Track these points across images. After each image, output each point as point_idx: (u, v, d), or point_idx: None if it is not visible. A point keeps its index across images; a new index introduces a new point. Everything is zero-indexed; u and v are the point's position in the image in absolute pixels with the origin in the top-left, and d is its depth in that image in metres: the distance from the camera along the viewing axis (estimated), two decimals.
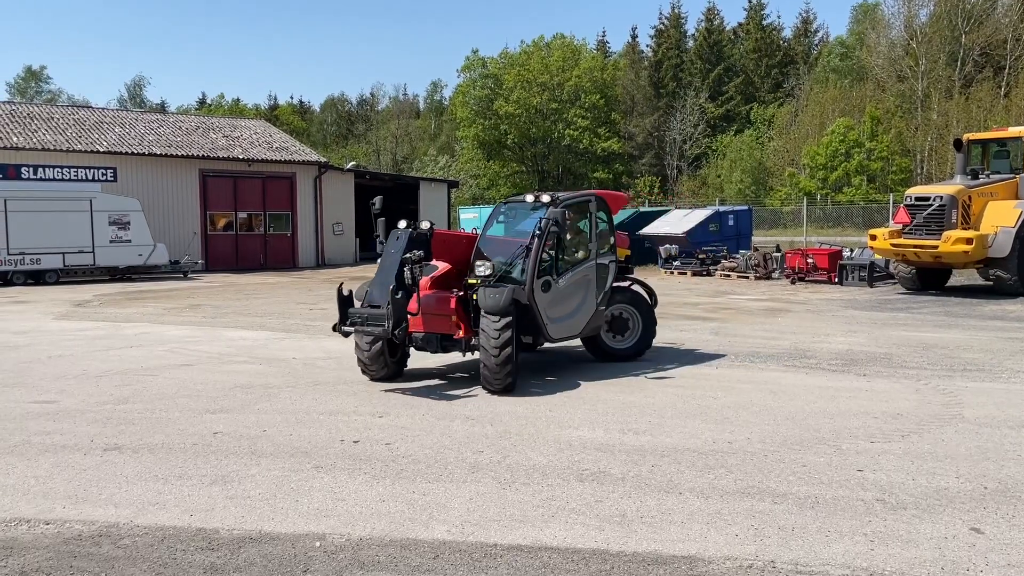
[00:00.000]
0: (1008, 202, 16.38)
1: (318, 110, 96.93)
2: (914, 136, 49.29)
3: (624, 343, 9.77)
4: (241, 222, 29.44)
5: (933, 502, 4.82)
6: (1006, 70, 47.99)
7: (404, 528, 4.52)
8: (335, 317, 8.15)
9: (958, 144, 18.05)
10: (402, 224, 8.66)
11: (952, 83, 49.02)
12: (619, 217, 26.71)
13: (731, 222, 25.60)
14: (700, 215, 25.65)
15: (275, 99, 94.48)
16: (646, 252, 24.67)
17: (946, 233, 15.96)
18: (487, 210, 36.17)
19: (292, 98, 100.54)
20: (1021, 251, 15.87)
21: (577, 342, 9.79)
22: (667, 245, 24.31)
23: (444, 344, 8.47)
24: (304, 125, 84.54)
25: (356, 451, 6.02)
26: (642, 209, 29.94)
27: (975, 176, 17.11)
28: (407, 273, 7.94)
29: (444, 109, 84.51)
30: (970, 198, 16.31)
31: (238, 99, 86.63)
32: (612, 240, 9.55)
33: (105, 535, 4.49)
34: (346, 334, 8.01)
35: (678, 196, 54.91)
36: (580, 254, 9.31)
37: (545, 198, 8.81)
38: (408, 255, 8.06)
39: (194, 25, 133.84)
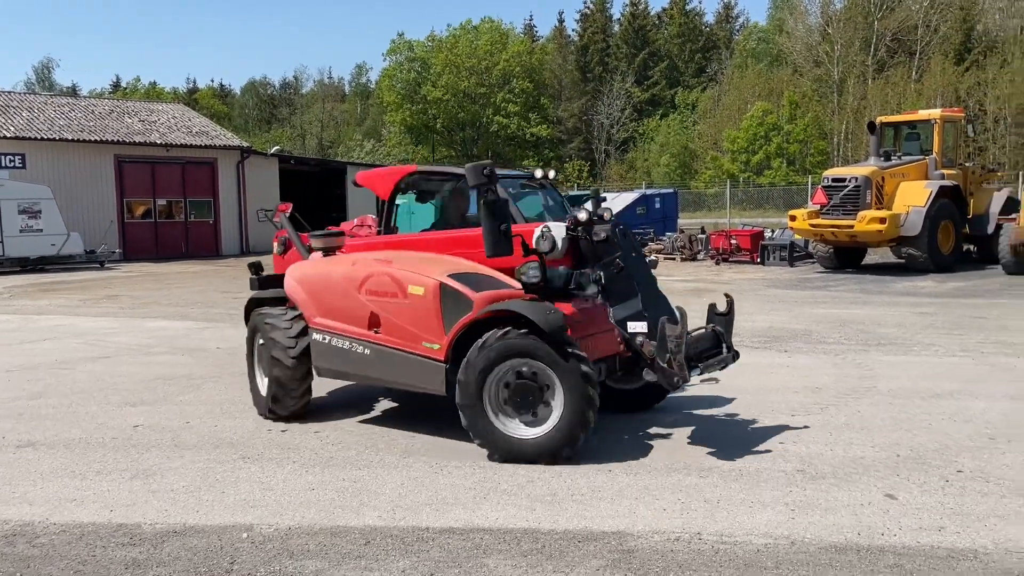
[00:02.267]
0: (919, 182, 17.06)
1: (239, 93, 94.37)
2: (831, 119, 50.87)
3: None
4: (160, 209, 28.53)
5: (850, 471, 5.01)
6: (917, 55, 49.86)
7: (334, 516, 4.47)
8: None
9: (872, 127, 18.70)
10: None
11: (866, 68, 50.70)
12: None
13: (657, 205, 26.02)
14: (627, 199, 25.99)
15: (194, 82, 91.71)
16: None
17: (861, 213, 16.54)
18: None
19: (212, 81, 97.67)
20: (931, 230, 16.56)
21: None
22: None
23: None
24: (225, 109, 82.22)
25: (284, 440, 5.92)
26: (571, 193, 30.15)
27: (888, 158, 17.76)
28: None
29: (370, 93, 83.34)
30: (883, 179, 16.92)
31: (155, 82, 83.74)
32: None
33: (20, 534, 4.31)
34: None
35: (606, 180, 55.50)
36: None
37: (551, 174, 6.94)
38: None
39: (106, 5, 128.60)
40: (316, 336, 6.18)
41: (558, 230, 5.50)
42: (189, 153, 28.88)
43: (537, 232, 5.47)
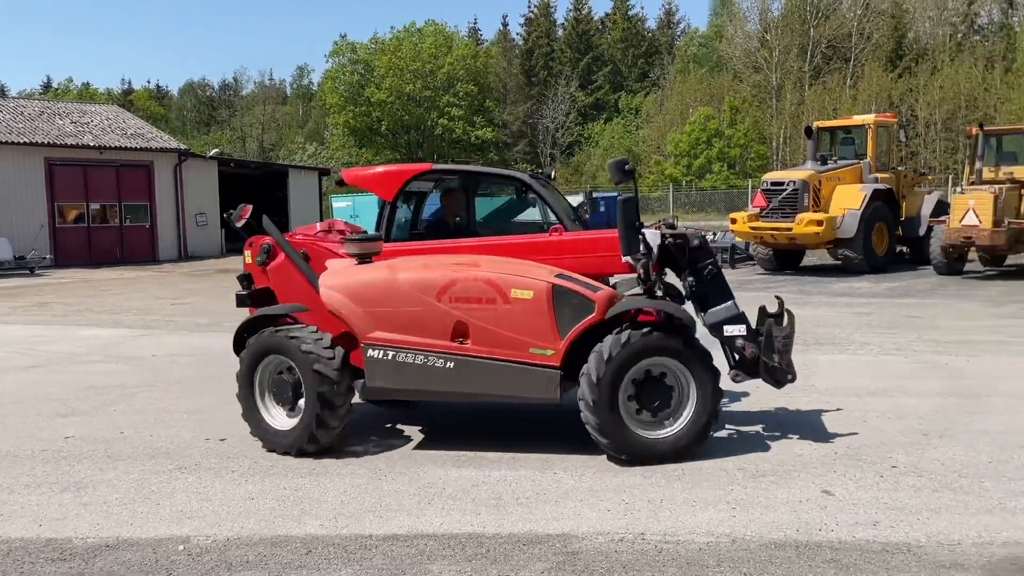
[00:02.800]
0: (854, 186, 17.54)
1: (177, 95, 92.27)
2: (769, 124, 51.97)
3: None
4: (94, 213, 27.69)
5: (789, 468, 5.10)
6: (851, 62, 51.27)
7: (274, 525, 4.37)
8: (198, 312, 7.77)
9: (808, 132, 19.16)
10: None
11: (803, 74, 51.94)
12: (496, 203, 26.86)
13: (602, 208, 26.21)
14: (573, 202, 26.11)
15: (129, 83, 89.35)
16: None
17: (799, 216, 16.93)
18: (361, 198, 35.58)
19: (148, 83, 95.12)
20: (866, 232, 17.03)
21: None
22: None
23: None
24: (162, 111, 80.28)
25: (223, 449, 5.78)
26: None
27: (824, 162, 18.21)
28: None
29: (312, 95, 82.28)
30: (820, 182, 17.35)
31: (88, 83, 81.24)
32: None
33: None
34: None
35: (552, 183, 55.74)
36: None
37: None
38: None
39: (34, 2, 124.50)
40: (372, 353, 5.42)
41: (653, 237, 5.54)
42: (124, 156, 28.10)
43: None
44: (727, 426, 6.08)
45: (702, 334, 5.47)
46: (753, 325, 5.73)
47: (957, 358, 8.47)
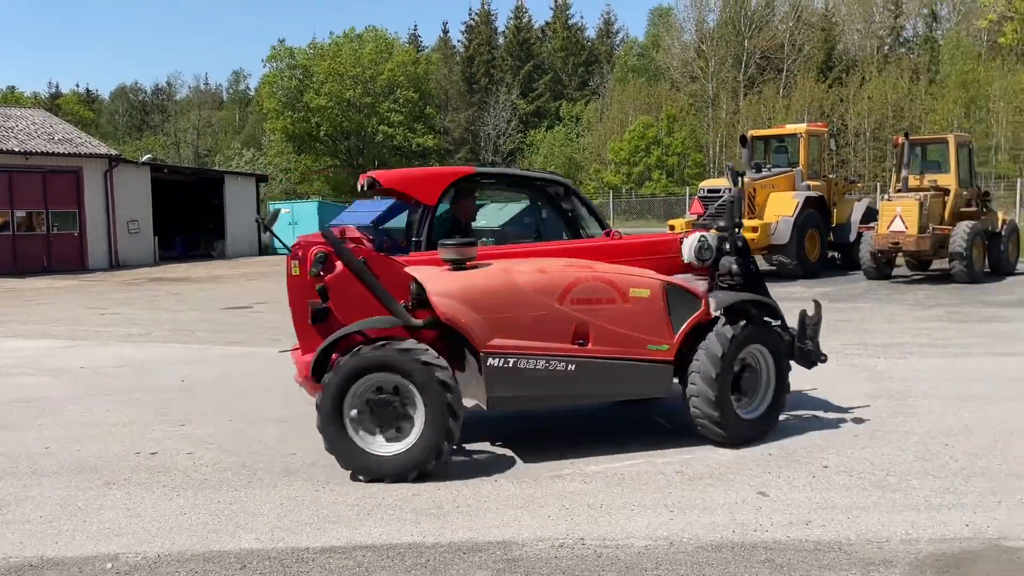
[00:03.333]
0: (787, 193, 17.97)
1: (108, 99, 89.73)
2: (706, 133, 53.01)
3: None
4: (20, 221, 26.68)
5: (725, 471, 5.19)
6: (784, 72, 52.65)
7: (208, 540, 4.26)
8: (129, 322, 7.55)
9: (743, 140, 19.56)
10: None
11: (738, 84, 53.15)
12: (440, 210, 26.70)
13: (544, 215, 26.33)
14: (515, 208, 26.17)
15: (57, 87, 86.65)
16: None
17: None
18: (300, 205, 35.11)
19: (77, 86, 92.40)
20: (799, 238, 17.48)
21: None
22: (485, 238, 24.65)
23: None
24: (92, 116, 77.97)
25: (154, 463, 5.61)
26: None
27: (759, 169, 18.62)
28: None
29: (250, 100, 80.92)
30: (755, 190, 17.74)
31: (13, 87, 78.36)
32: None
33: None
34: None
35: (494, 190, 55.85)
36: None
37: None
38: None
39: None
40: (492, 361, 5.18)
41: (713, 239, 6.09)
42: (51, 162, 27.17)
43: (698, 242, 6.02)
44: (665, 430, 6.15)
45: None
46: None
47: (885, 360, 8.74)
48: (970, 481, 4.92)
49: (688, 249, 6.03)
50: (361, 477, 5.10)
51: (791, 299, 14.32)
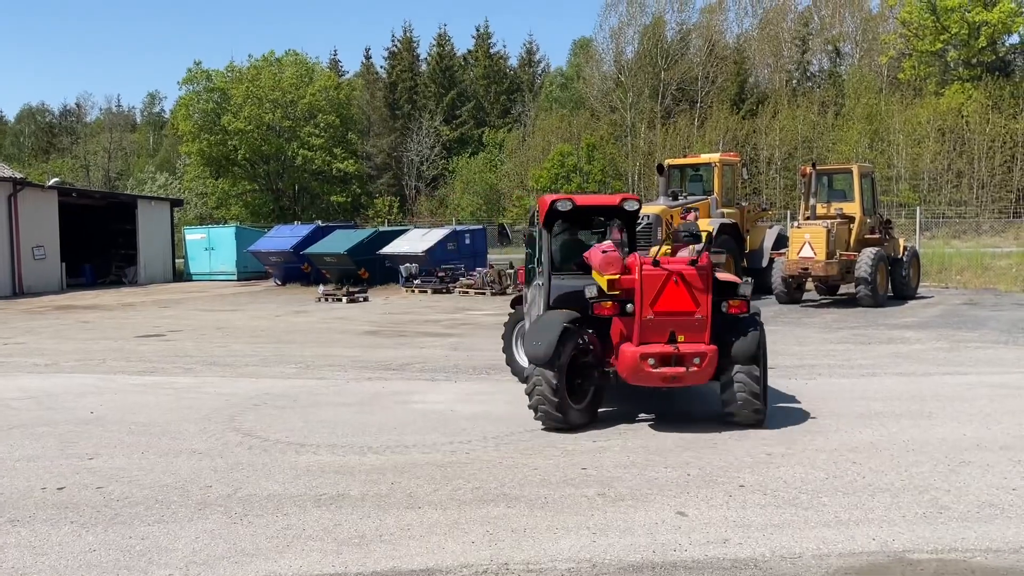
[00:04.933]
0: (702, 220, 18.47)
1: (12, 121, 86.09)
2: (625, 161, 54.19)
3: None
4: None
5: (646, 492, 5.29)
6: (699, 103, 54.37)
7: None
8: (34, 352, 7.24)
9: (660, 169, 20.09)
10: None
11: (655, 114, 54.59)
12: (361, 235, 26.51)
13: (468, 241, 26.41)
14: (438, 234, 26.17)
15: None
16: (388, 271, 24.75)
17: (652, 248, 17.66)
18: (217, 230, 34.26)
19: None
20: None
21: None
22: (407, 264, 24.56)
23: None
24: None
25: (61, 499, 5.38)
26: (381, 229, 29.99)
27: (675, 197, 19.12)
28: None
29: (164, 123, 78.83)
30: (672, 217, 18.19)
31: None
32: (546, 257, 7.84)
33: None
34: None
35: (417, 216, 55.67)
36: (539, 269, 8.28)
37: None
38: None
39: None
40: None
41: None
42: None
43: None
44: (587, 452, 6.23)
45: None
46: None
47: (796, 381, 9.06)
48: (876, 497, 5.14)
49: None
50: None
51: None
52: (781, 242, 19.18)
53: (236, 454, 6.42)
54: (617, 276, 6.81)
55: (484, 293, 22.64)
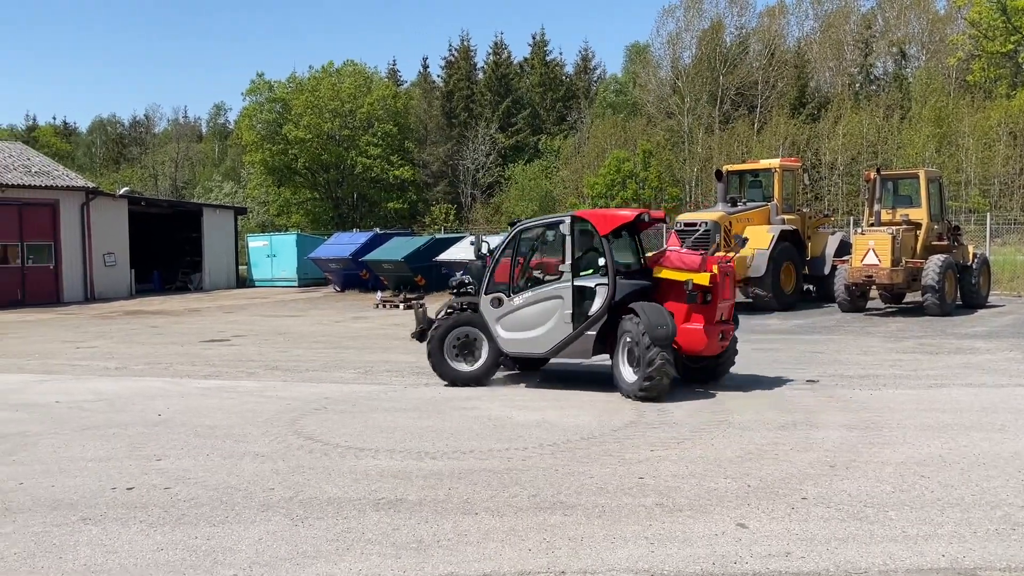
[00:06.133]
0: (762, 227, 18.22)
1: (85, 132, 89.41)
2: (682, 167, 53.67)
3: (632, 377, 8.51)
4: None
5: (705, 502, 5.22)
6: (758, 108, 53.59)
7: None
8: (106, 356, 7.51)
9: (719, 175, 19.86)
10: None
11: (713, 119, 53.98)
12: (418, 242, 26.78)
13: None
14: (495, 241, 26.29)
15: (34, 119, 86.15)
16: (444, 278, 24.95)
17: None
18: (279, 237, 35.00)
19: (54, 119, 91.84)
20: (774, 271, 17.69)
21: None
22: (463, 271, 24.72)
23: None
24: (69, 148, 77.58)
25: (130, 499, 5.55)
26: (438, 236, 30.25)
27: (734, 203, 18.88)
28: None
29: (229, 133, 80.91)
30: (731, 223, 17.96)
31: None
32: (603, 261, 8.88)
33: None
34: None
35: (473, 223, 56.02)
36: (542, 275, 9.45)
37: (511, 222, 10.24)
38: (453, 282, 10.50)
39: None
40: None
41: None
42: (27, 194, 26.97)
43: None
44: (645, 462, 6.17)
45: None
46: None
47: (860, 391, 8.84)
48: (945, 512, 4.99)
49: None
50: None
51: (767, 331, 14.47)
52: (844, 249, 18.74)
53: (297, 457, 6.54)
54: (711, 273, 8.66)
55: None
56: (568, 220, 9.23)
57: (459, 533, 4.75)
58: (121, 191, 34.60)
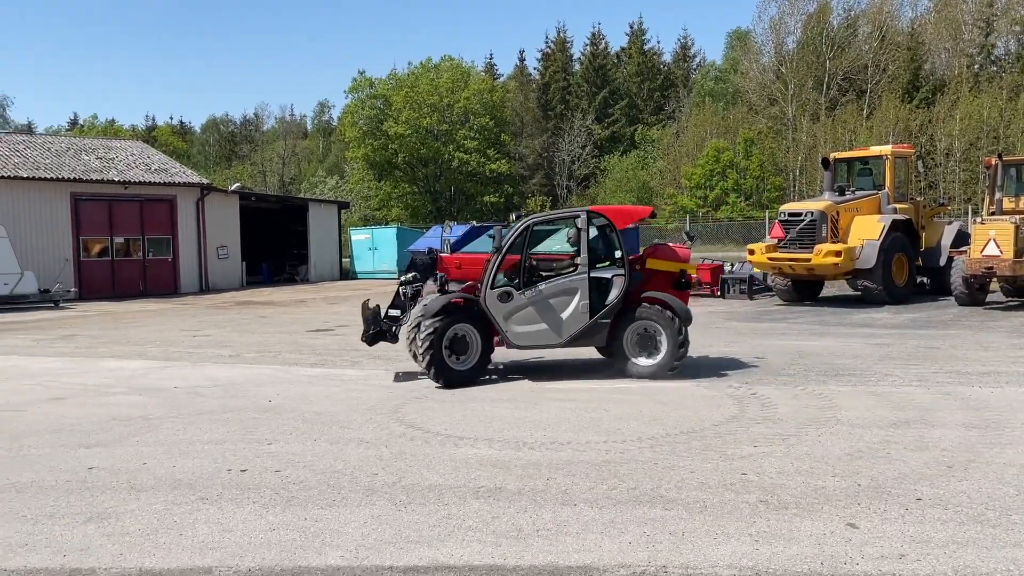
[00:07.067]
0: (872, 216, 17.48)
1: (199, 131, 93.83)
2: (786, 156, 51.99)
3: (649, 360, 9.35)
4: (118, 247, 28.06)
5: (812, 501, 5.05)
6: (867, 93, 51.35)
7: (296, 556, 4.38)
8: (220, 344, 7.87)
9: (825, 163, 19.15)
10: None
11: (819, 106, 52.05)
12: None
13: None
14: (590, 233, 26.18)
15: (153, 119, 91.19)
16: None
17: (818, 246, 16.88)
18: (379, 231, 35.89)
19: (171, 119, 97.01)
20: (885, 262, 16.93)
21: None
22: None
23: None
24: (184, 146, 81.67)
25: (244, 480, 5.81)
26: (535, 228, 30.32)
27: (842, 192, 18.18)
28: (400, 292, 10.09)
29: (332, 130, 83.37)
30: (838, 213, 17.31)
31: (113, 120, 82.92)
32: (619, 253, 9.58)
33: None
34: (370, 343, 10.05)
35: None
36: (557, 267, 9.77)
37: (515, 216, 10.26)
38: (403, 277, 10.22)
39: (63, 43, 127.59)
40: None
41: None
42: (148, 190, 28.54)
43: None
44: (749, 458, 6.03)
45: None
46: None
47: (980, 389, 8.38)
48: None
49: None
50: None
51: (877, 325, 13.88)
52: (961, 239, 17.79)
53: (399, 444, 6.69)
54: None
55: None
56: (585, 214, 9.61)
57: (558, 523, 4.77)
58: (232, 187, 36.16)
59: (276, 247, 36.10)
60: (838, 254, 16.56)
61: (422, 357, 9.06)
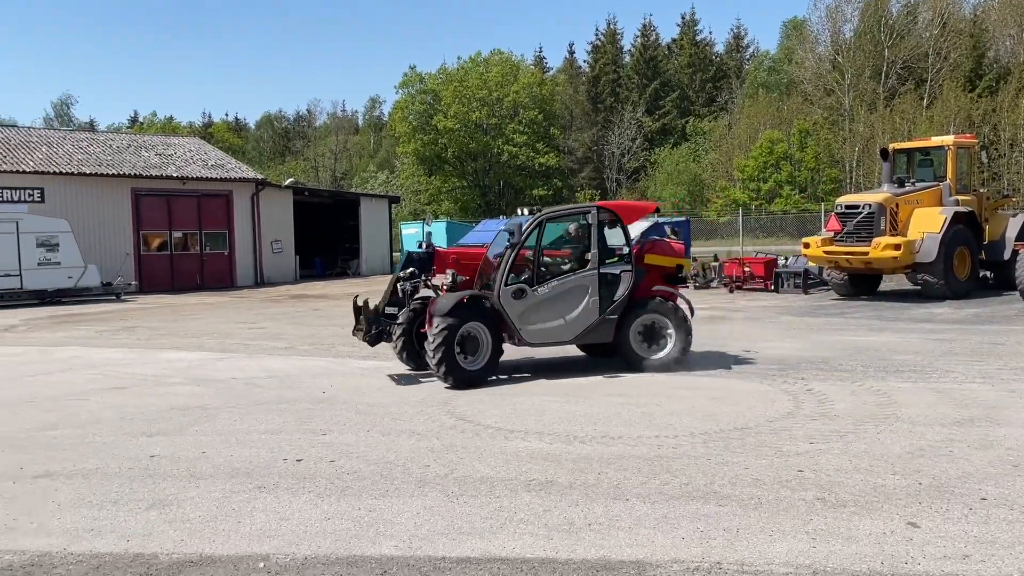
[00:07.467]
0: (933, 209, 16.99)
1: (254, 127, 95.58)
2: (842, 147, 50.88)
3: (657, 353, 9.57)
4: (176, 241, 28.76)
5: (871, 499, 4.94)
6: (928, 82, 49.96)
7: (350, 545, 4.44)
8: (275, 336, 8.02)
9: (884, 154, 18.68)
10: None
11: (877, 95, 50.78)
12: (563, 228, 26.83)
13: (670, 233, 25.97)
14: (640, 227, 25.97)
15: (209, 116, 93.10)
16: None
17: (876, 239, 16.47)
18: (431, 226, 36.12)
19: (227, 115, 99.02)
20: (946, 256, 16.46)
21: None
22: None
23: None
24: (240, 142, 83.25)
25: (299, 470, 5.91)
26: (583, 221, 30.23)
27: (901, 184, 17.71)
28: (398, 288, 9.94)
29: (383, 125, 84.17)
30: (897, 205, 16.88)
31: (171, 117, 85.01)
32: (627, 250, 9.68)
33: (37, 564, 4.31)
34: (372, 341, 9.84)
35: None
36: (569, 264, 9.80)
37: (525, 211, 10.19)
38: (400, 273, 9.95)
39: (124, 43, 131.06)
40: None
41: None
42: (205, 186, 29.18)
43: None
44: (805, 455, 5.93)
45: None
46: None
47: None
48: None
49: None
50: None
51: (937, 320, 13.51)
52: None
53: (450, 436, 6.74)
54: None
55: (687, 286, 22.16)
56: (594, 210, 9.66)
57: (610, 518, 4.75)
58: (286, 182, 36.78)
59: (328, 241, 36.61)
60: (897, 247, 16.15)
61: (433, 356, 8.75)
